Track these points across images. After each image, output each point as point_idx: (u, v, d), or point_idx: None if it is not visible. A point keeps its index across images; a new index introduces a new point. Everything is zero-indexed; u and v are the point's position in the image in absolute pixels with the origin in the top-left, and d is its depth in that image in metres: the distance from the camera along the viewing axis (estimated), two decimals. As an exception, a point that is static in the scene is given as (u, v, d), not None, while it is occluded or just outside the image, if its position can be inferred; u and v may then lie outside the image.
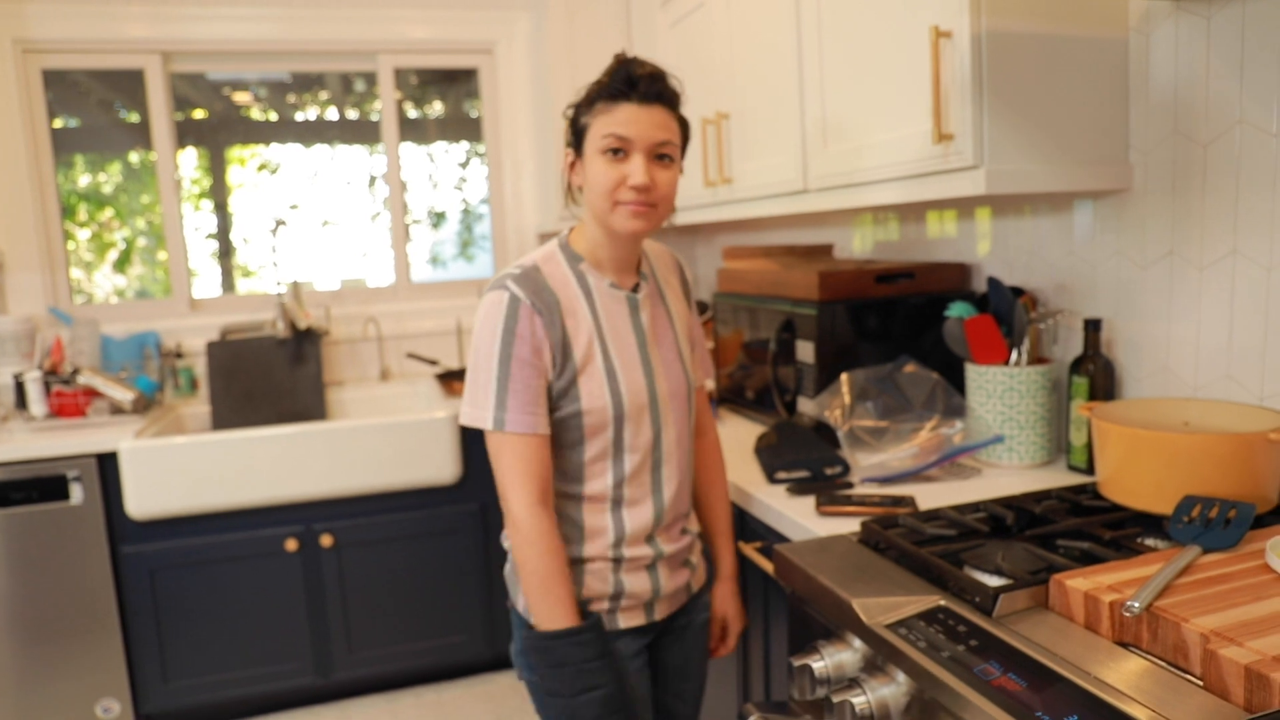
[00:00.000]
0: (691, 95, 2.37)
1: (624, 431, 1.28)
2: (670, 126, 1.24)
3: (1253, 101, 1.26)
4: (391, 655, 2.63)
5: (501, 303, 1.22)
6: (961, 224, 1.91)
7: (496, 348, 1.21)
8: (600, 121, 1.22)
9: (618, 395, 1.27)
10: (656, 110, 1.22)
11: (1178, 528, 1.08)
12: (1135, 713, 0.77)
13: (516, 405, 1.21)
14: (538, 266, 1.27)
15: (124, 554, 2.40)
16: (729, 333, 2.18)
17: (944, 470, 1.54)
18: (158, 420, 2.61)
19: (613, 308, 1.30)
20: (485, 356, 1.22)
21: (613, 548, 1.30)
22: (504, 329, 1.21)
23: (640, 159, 1.21)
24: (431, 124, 3.39)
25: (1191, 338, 1.40)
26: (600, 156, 1.22)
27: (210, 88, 3.16)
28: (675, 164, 1.26)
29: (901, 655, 0.94)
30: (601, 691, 1.22)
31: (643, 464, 1.31)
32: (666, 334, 1.36)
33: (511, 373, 1.21)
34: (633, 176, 1.21)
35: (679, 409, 1.35)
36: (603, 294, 1.30)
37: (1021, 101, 1.35)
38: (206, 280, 3.20)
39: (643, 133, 1.21)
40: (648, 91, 1.21)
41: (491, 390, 1.21)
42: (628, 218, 1.23)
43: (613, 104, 1.21)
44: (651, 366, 1.32)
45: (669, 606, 1.38)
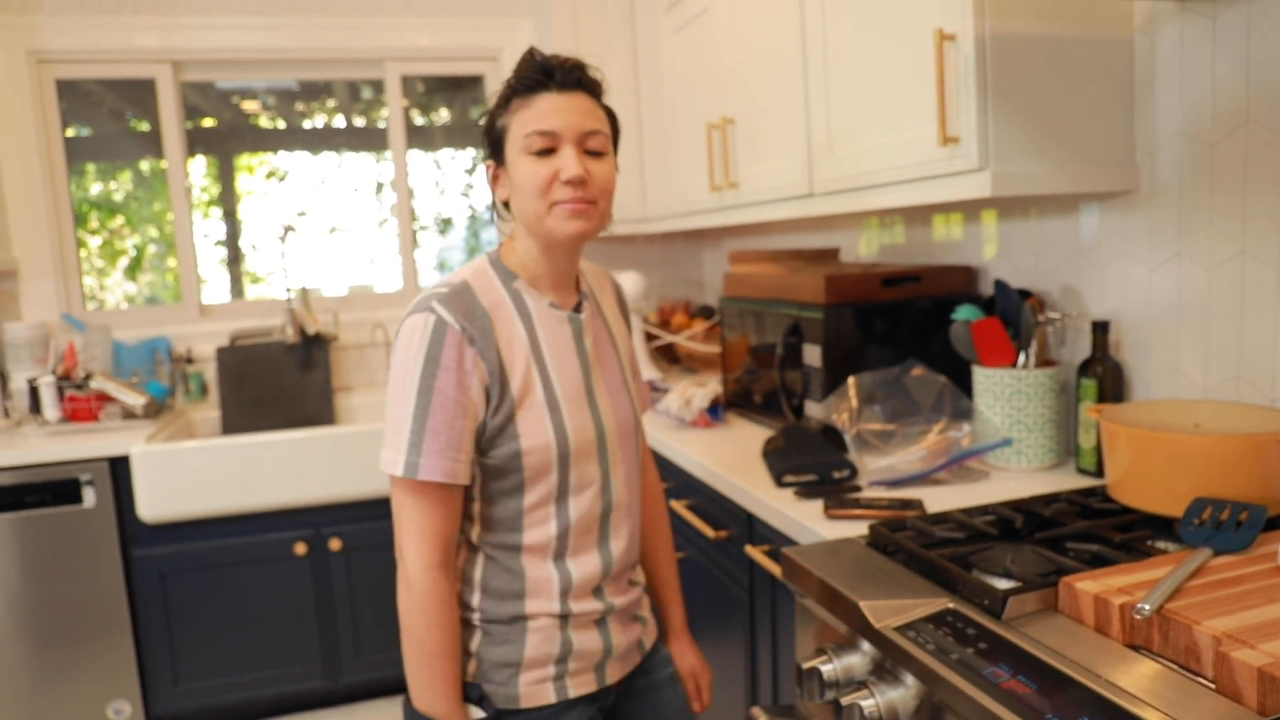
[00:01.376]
0: (697, 100, 2.38)
1: (569, 473, 1.13)
2: (597, 114, 1.12)
3: (1259, 101, 1.26)
4: (399, 659, 2.64)
5: (425, 327, 1.05)
6: (968, 227, 1.91)
7: (415, 379, 1.04)
8: (519, 119, 1.09)
9: (562, 431, 1.11)
10: (579, 97, 1.10)
11: (1189, 530, 1.08)
12: (1147, 716, 0.76)
13: (433, 449, 1.04)
14: (468, 284, 1.10)
15: (135, 557, 2.41)
16: (736, 337, 2.18)
17: (952, 473, 1.54)
18: (169, 425, 2.62)
19: (554, 330, 1.15)
20: (401, 388, 1.05)
21: (560, 601, 1.14)
22: (426, 357, 1.04)
23: (570, 150, 1.08)
24: (438, 131, 3.41)
25: (1201, 339, 1.39)
26: (526, 157, 1.09)
27: (219, 96, 3.18)
28: (609, 157, 1.13)
29: (910, 658, 0.94)
30: None
31: (590, 509, 1.15)
32: (611, 359, 1.22)
33: (431, 410, 1.04)
34: (565, 170, 1.07)
35: (627, 445, 1.21)
36: (542, 315, 1.14)
37: (1026, 103, 1.35)
38: (216, 287, 3.22)
39: (568, 122, 1.08)
40: (566, 79, 1.09)
41: (405, 430, 1.04)
42: (566, 218, 1.09)
43: (530, 97, 1.09)
44: (596, 397, 1.17)
45: (621, 668, 1.22)
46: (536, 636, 1.13)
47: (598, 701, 1.20)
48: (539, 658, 1.13)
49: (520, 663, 1.13)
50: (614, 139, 1.16)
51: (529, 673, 1.13)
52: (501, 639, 1.13)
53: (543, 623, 1.14)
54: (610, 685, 1.21)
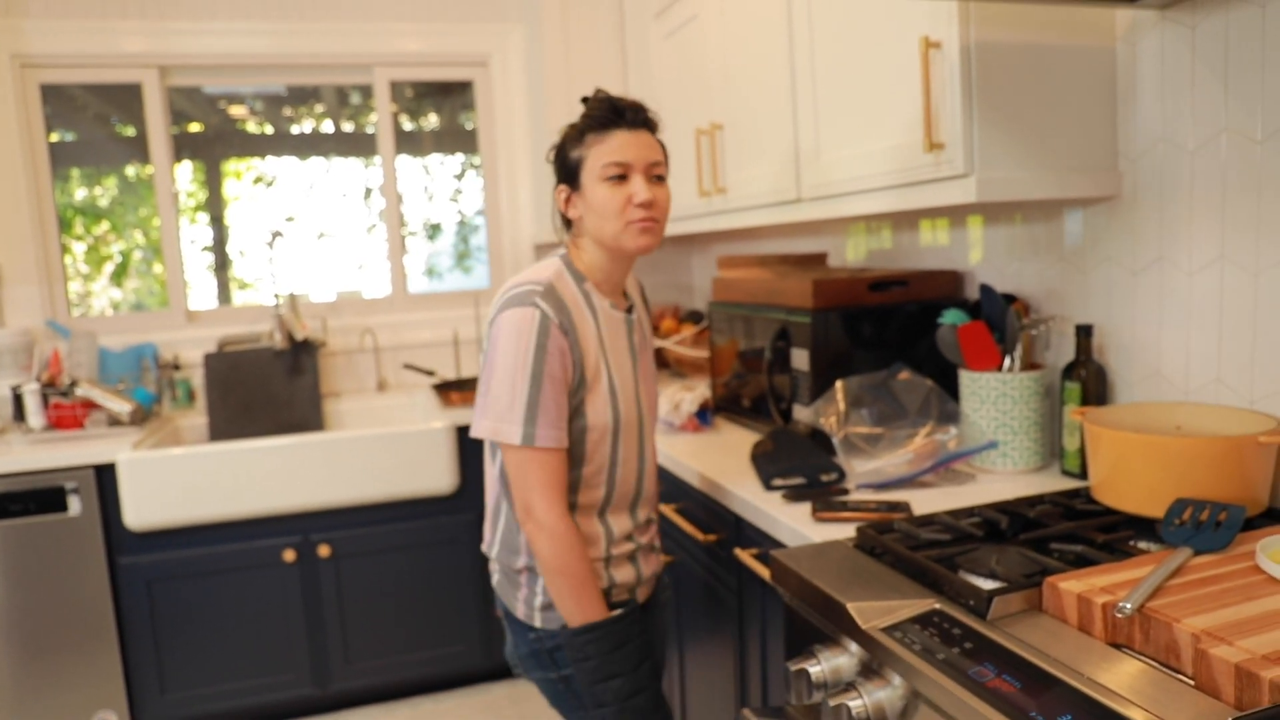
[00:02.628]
0: (685, 106, 2.39)
1: (619, 447, 1.37)
2: (657, 148, 1.36)
3: (1238, 108, 1.28)
4: (389, 666, 2.63)
5: (533, 320, 1.27)
6: (953, 232, 1.93)
7: (529, 364, 1.26)
8: (596, 152, 1.31)
9: (616, 412, 1.36)
10: (644, 134, 1.34)
11: (1169, 530, 1.10)
12: (1128, 713, 0.78)
13: (546, 421, 1.28)
14: (554, 285, 1.32)
15: (121, 565, 2.40)
16: (724, 341, 2.19)
17: (939, 476, 1.55)
18: (155, 432, 2.61)
19: (613, 327, 1.39)
20: (514, 372, 1.27)
21: (605, 549, 1.40)
22: (536, 345, 1.26)
23: (640, 179, 1.32)
24: (427, 136, 3.41)
25: (1182, 342, 1.41)
26: (603, 184, 1.31)
27: (206, 101, 3.17)
28: (667, 183, 1.37)
29: (896, 658, 0.95)
30: (651, 661, 1.36)
31: (629, 476, 1.41)
32: (646, 354, 1.48)
33: (544, 389, 1.27)
34: (638, 195, 1.30)
35: (653, 424, 1.49)
36: (605, 314, 1.38)
37: (1011, 110, 1.37)
38: (203, 293, 3.21)
39: (639, 155, 1.31)
40: (635, 119, 1.32)
41: (521, 406, 1.27)
42: (638, 234, 1.32)
43: (605, 133, 1.31)
44: (640, 385, 1.43)
45: (646, 590, 1.49)
46: None
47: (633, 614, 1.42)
48: None
49: None
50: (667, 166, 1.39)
51: None
52: None
53: (595, 567, 1.38)
54: (639, 604, 1.46)
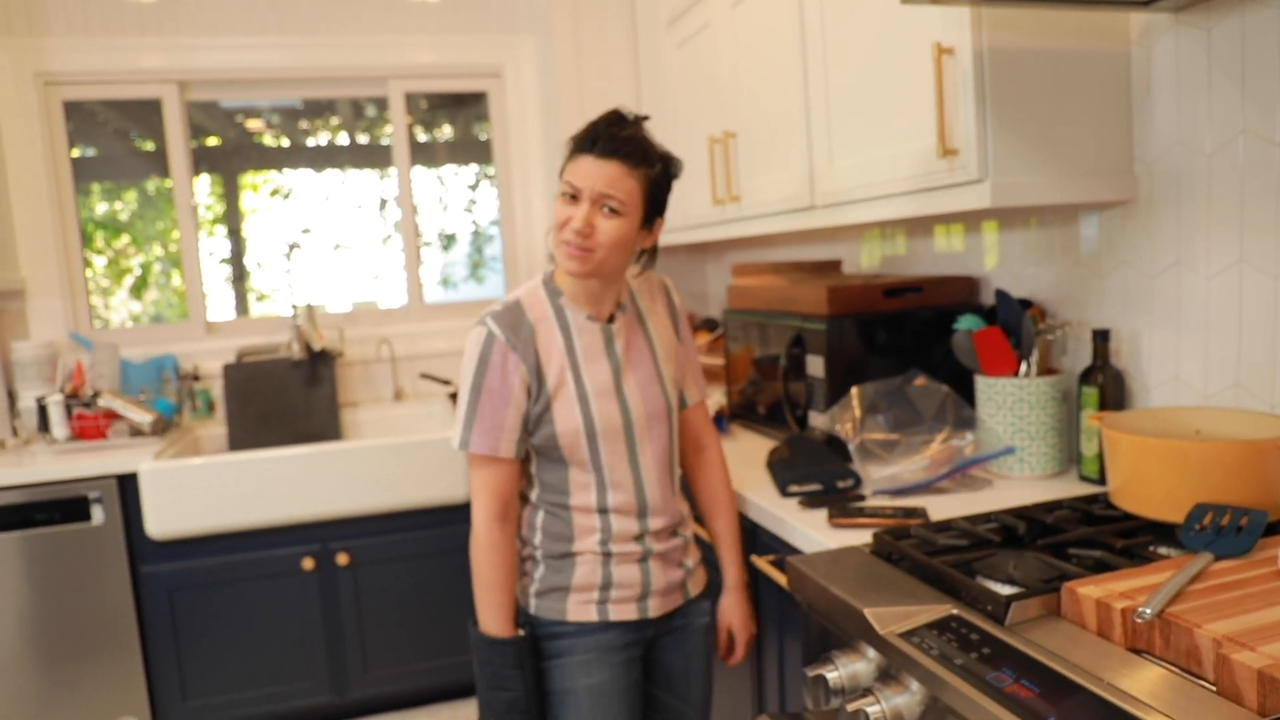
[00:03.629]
0: (698, 114, 2.40)
1: (600, 451, 1.40)
2: (621, 184, 1.33)
3: (1255, 111, 1.28)
4: (407, 674, 2.64)
5: (480, 338, 1.36)
6: (968, 238, 1.92)
7: (470, 377, 1.36)
8: (566, 170, 1.36)
9: (589, 418, 1.38)
10: (610, 165, 1.33)
11: (1189, 535, 1.09)
12: (1144, 716, 0.77)
13: (480, 429, 1.36)
14: (519, 302, 1.40)
15: (144, 574, 2.42)
16: (739, 349, 2.20)
17: (955, 482, 1.54)
18: (176, 442, 2.64)
19: (588, 339, 1.41)
20: (463, 384, 1.37)
21: (601, 544, 1.41)
22: (479, 360, 1.35)
23: (585, 206, 1.33)
24: (441, 147, 3.44)
25: (1200, 346, 1.40)
26: (559, 199, 1.36)
27: (223, 115, 3.21)
28: (622, 216, 1.34)
29: (914, 664, 0.95)
30: (509, 695, 1.37)
31: (622, 480, 1.42)
32: (644, 359, 1.47)
33: (480, 399, 1.35)
34: (574, 220, 1.33)
35: (658, 429, 1.46)
36: (580, 326, 1.41)
37: (1025, 115, 1.37)
38: (221, 304, 3.24)
39: (591, 184, 1.32)
40: (605, 149, 1.33)
41: (463, 415, 1.37)
42: (566, 257, 1.36)
43: (577, 156, 1.35)
44: (625, 391, 1.43)
45: (663, 604, 1.46)
46: (583, 568, 1.41)
47: (639, 631, 1.45)
48: (584, 584, 1.41)
49: (569, 587, 1.41)
50: (647, 198, 1.37)
51: (576, 595, 1.41)
52: (556, 569, 1.42)
53: (588, 558, 1.41)
54: (651, 618, 1.45)
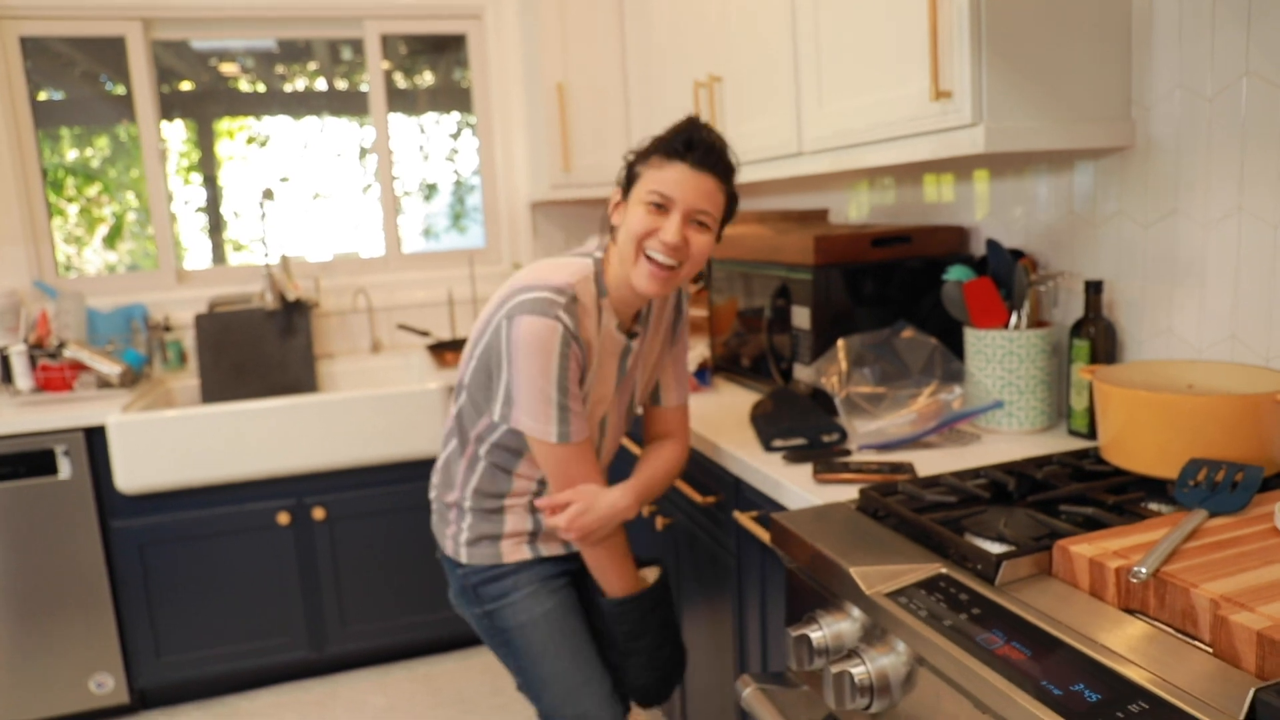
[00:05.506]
0: (684, 59, 2.32)
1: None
2: (715, 199, 1.30)
3: (1260, 52, 1.22)
4: (384, 629, 2.62)
5: (556, 334, 1.28)
6: (959, 186, 1.87)
7: (554, 375, 1.30)
8: (651, 175, 1.28)
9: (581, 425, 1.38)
10: (706, 178, 1.28)
11: (1184, 491, 1.06)
12: (1143, 681, 0.75)
13: (576, 420, 1.34)
14: (577, 298, 1.32)
15: (114, 529, 2.37)
16: (724, 300, 2.15)
17: (943, 436, 1.51)
18: (146, 394, 2.57)
19: (610, 347, 1.39)
20: (541, 380, 1.30)
21: (530, 499, 1.47)
22: (560, 356, 1.29)
23: (677, 218, 1.27)
24: (422, 94, 3.33)
25: (1195, 298, 1.37)
26: (641, 205, 1.29)
27: (196, 58, 3.08)
28: (711, 231, 1.32)
29: (902, 625, 0.92)
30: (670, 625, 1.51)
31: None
32: (633, 378, 1.48)
33: (570, 394, 1.32)
34: (665, 232, 1.27)
35: (613, 444, 1.52)
36: (609, 333, 1.38)
37: (1020, 56, 1.31)
38: (198, 254, 3.15)
39: (686, 196, 1.26)
40: (702, 159, 1.27)
41: (554, 410, 1.32)
42: (647, 277, 1.30)
43: (667, 161, 1.27)
44: (610, 409, 1.46)
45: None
46: (513, 516, 1.47)
47: (568, 563, 1.53)
48: (515, 530, 1.47)
49: (500, 534, 1.47)
50: (726, 217, 1.35)
51: (509, 540, 1.47)
52: (484, 519, 1.46)
53: (517, 510, 1.47)
54: (576, 551, 1.51)
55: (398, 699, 2.54)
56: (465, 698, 2.53)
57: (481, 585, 1.47)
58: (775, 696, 1.16)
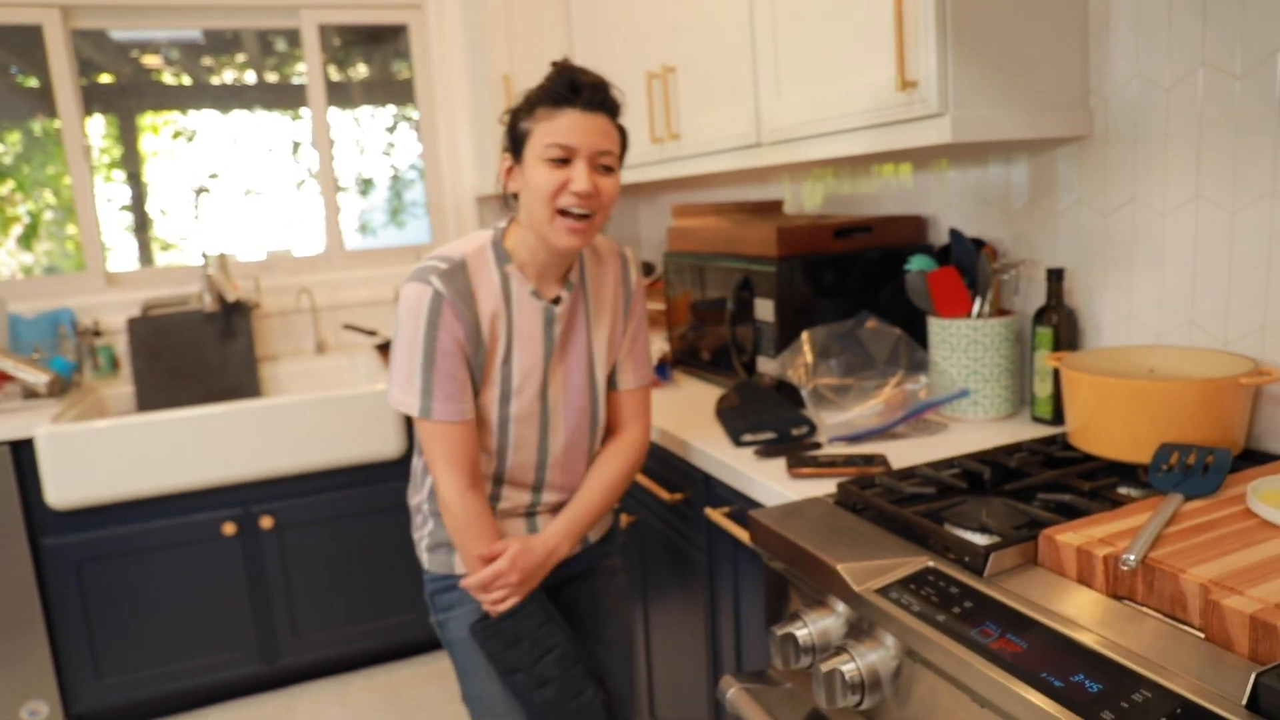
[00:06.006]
0: (635, 49, 2.28)
1: (509, 432, 1.33)
2: (612, 135, 1.26)
3: (1216, 42, 1.24)
4: (339, 638, 2.54)
5: (424, 297, 1.23)
6: (915, 176, 1.88)
7: (420, 341, 1.23)
8: (543, 128, 1.22)
9: (506, 400, 1.32)
10: (599, 118, 1.23)
11: (1158, 476, 1.07)
12: (1141, 669, 0.75)
13: (442, 395, 1.25)
14: (465, 263, 1.26)
15: (46, 546, 2.25)
16: (680, 293, 2.12)
17: (910, 426, 1.52)
18: (77, 403, 2.44)
19: (528, 316, 1.31)
20: (410, 346, 1.25)
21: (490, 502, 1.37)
22: (428, 323, 1.23)
23: (583, 166, 1.22)
24: (356, 87, 3.23)
25: (1154, 285, 1.39)
26: (542, 164, 1.22)
27: (116, 49, 2.93)
28: (615, 173, 1.27)
29: (894, 621, 0.91)
30: (557, 651, 1.32)
31: (524, 461, 1.37)
32: (578, 347, 1.38)
33: (437, 363, 1.24)
34: (576, 182, 1.21)
35: (574, 421, 1.38)
36: (522, 301, 1.30)
37: (983, 45, 1.31)
38: (123, 254, 3.00)
39: (586, 140, 1.21)
40: (591, 99, 1.22)
41: (418, 380, 1.25)
42: (564, 233, 1.24)
43: (556, 110, 1.21)
44: (548, 379, 1.35)
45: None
46: None
47: None
48: None
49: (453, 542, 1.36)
50: (621, 156, 1.29)
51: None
52: (442, 525, 1.38)
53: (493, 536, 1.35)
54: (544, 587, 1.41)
55: (358, 710, 2.47)
56: (424, 705, 2.47)
57: (436, 593, 1.43)
58: (760, 696, 1.14)
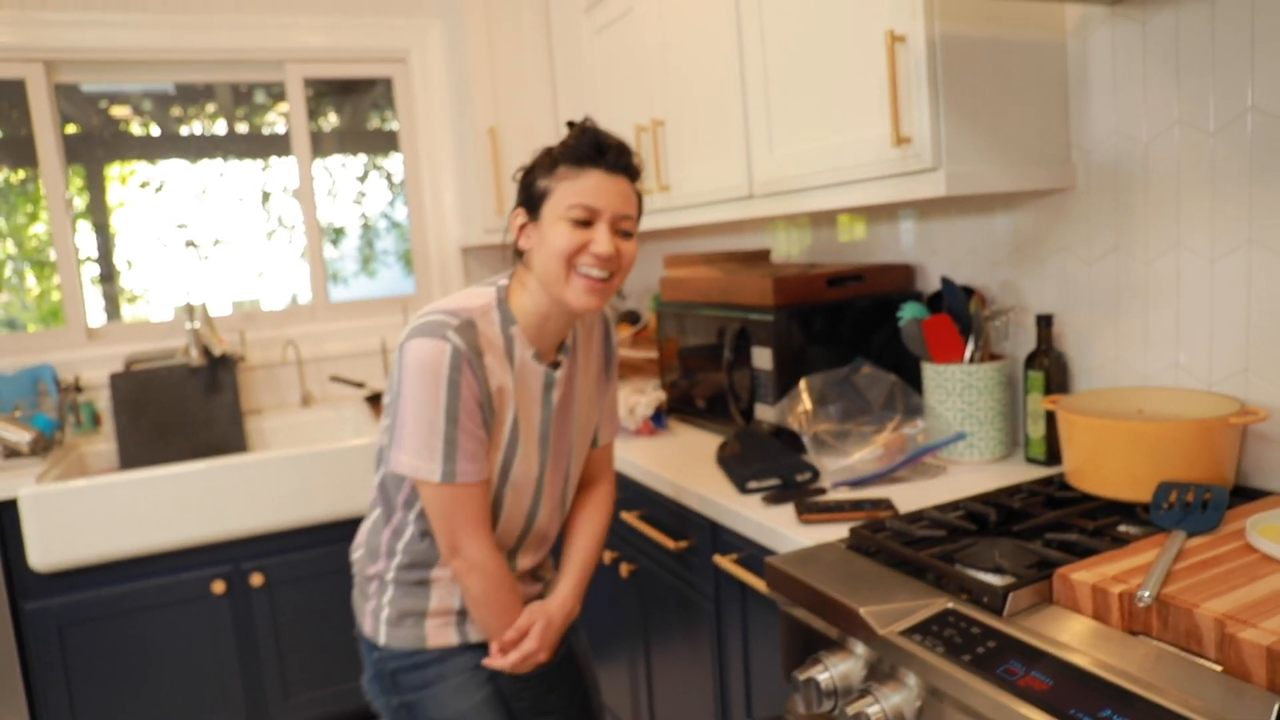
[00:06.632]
0: (622, 102, 2.35)
1: (503, 499, 1.30)
2: (633, 200, 1.25)
3: (1189, 102, 1.32)
4: (331, 697, 2.49)
5: (444, 354, 1.18)
6: (903, 225, 1.94)
7: (442, 400, 1.18)
8: (566, 187, 1.20)
9: (509, 466, 1.28)
10: (622, 181, 1.22)
11: (1159, 514, 1.12)
12: (1165, 701, 0.77)
13: (466, 456, 1.21)
14: (474, 323, 1.22)
15: (26, 611, 2.19)
16: (669, 341, 2.16)
17: (911, 470, 1.55)
18: (59, 461, 2.40)
19: (530, 381, 1.28)
20: (428, 407, 1.18)
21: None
22: (449, 380, 1.18)
23: (605, 228, 1.21)
24: (328, 137, 3.26)
25: (1140, 329, 1.45)
26: (563, 222, 1.20)
27: (85, 100, 2.92)
28: (634, 237, 1.26)
29: (921, 663, 0.93)
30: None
31: (513, 529, 1.34)
32: (568, 412, 1.36)
33: (461, 424, 1.20)
34: (597, 244, 1.20)
35: (557, 484, 1.38)
36: (524, 364, 1.28)
37: (973, 104, 1.38)
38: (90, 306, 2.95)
39: (610, 202, 1.20)
40: (616, 162, 1.21)
41: (439, 444, 1.19)
42: (583, 293, 1.21)
43: (580, 170, 1.20)
44: (549, 443, 1.33)
45: None
46: (440, 591, 1.32)
47: None
48: (441, 609, 1.32)
49: (425, 612, 1.32)
50: (638, 220, 1.28)
51: (433, 620, 1.32)
52: (408, 593, 1.32)
53: (444, 583, 1.32)
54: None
55: (345, 770, 2.41)
56: (417, 763, 2.42)
57: (401, 672, 1.32)
58: (782, 742, 1.15)
